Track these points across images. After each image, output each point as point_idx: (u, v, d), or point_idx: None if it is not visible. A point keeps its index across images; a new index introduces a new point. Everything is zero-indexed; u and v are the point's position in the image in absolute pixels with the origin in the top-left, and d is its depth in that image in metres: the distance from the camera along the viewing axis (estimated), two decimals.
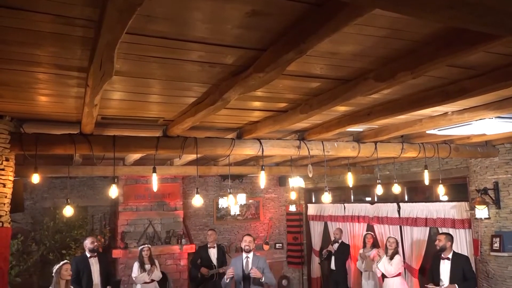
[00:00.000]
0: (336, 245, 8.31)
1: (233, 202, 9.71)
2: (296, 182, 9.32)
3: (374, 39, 2.32)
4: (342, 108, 3.93)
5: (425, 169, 5.64)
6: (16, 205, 4.35)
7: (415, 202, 7.61)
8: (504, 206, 5.82)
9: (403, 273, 7.70)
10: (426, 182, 5.62)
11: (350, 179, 5.61)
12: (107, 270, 6.69)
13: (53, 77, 2.85)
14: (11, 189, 4.04)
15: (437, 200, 7.13)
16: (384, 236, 8.00)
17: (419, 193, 8.10)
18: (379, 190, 5.64)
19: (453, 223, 6.71)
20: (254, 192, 10.90)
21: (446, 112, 4.13)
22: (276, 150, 5.01)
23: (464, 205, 6.60)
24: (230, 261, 8.09)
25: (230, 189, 5.15)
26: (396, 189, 5.72)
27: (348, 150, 5.26)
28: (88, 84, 2.67)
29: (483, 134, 5.00)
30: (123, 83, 3.03)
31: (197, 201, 4.78)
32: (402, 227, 7.77)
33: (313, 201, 10.91)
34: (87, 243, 6.57)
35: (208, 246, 8.00)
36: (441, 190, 5.79)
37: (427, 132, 4.95)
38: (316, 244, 10.10)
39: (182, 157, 6.44)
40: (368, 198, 9.08)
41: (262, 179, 4.99)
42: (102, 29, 1.86)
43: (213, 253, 7.96)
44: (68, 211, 4.84)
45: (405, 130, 4.68)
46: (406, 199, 8.00)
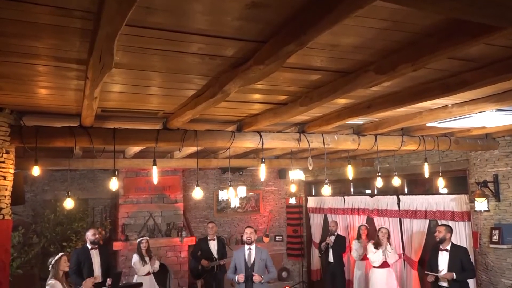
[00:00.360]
0: (333, 238, 8.38)
1: (233, 195, 9.75)
2: (296, 175, 9.33)
3: (375, 31, 2.31)
4: (342, 101, 3.93)
5: (425, 162, 5.64)
6: (17, 198, 4.36)
7: (415, 195, 7.62)
8: (504, 199, 5.83)
9: (402, 266, 7.75)
10: (426, 175, 5.63)
11: (350, 172, 5.62)
12: (108, 262, 6.74)
13: (53, 70, 2.84)
14: (12, 182, 4.05)
15: (437, 193, 7.14)
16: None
17: (419, 186, 8.11)
18: (379, 183, 5.65)
19: (453, 216, 6.73)
20: (254, 185, 10.92)
21: (446, 105, 4.13)
22: (276, 143, 5.01)
23: (464, 198, 6.61)
24: (232, 253, 8.16)
25: (230, 182, 5.16)
26: (396, 182, 5.73)
27: (348, 143, 5.26)
28: (88, 77, 2.66)
29: (483, 127, 4.99)
30: (123, 76, 3.03)
31: (197, 194, 4.79)
32: (402, 220, 7.80)
33: (313, 194, 10.93)
34: (89, 235, 6.62)
35: (208, 239, 8.04)
36: (441, 183, 5.80)
37: (427, 125, 4.95)
38: (316, 237, 10.14)
39: (182, 150, 6.45)
40: (368, 191, 9.10)
41: (262, 172, 4.99)
42: (101, 21, 1.85)
43: (213, 245, 8.01)
44: (69, 204, 4.85)
45: (405, 123, 4.68)
46: (406, 192, 8.02)
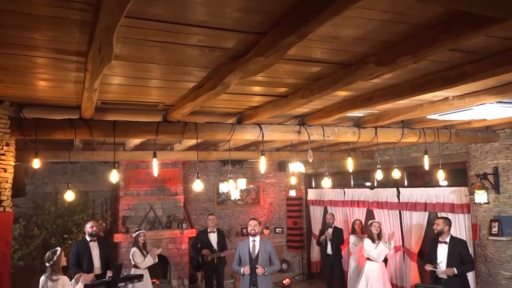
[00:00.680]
0: (330, 230, 8.43)
1: (233, 187, 9.76)
2: (296, 167, 9.35)
3: (376, 23, 2.30)
4: (343, 93, 3.92)
5: (425, 154, 5.64)
6: (18, 190, 4.37)
7: (415, 187, 7.64)
8: (504, 191, 5.84)
9: (402, 258, 7.79)
10: (426, 167, 5.63)
11: (350, 164, 5.62)
12: (107, 254, 6.76)
13: (52, 62, 2.83)
14: (12, 174, 4.06)
15: (437, 185, 7.16)
16: (384, 221, 8.06)
17: (419, 178, 8.13)
18: (379, 175, 5.65)
19: (452, 208, 6.75)
20: (254, 177, 10.94)
21: (447, 97, 4.12)
22: (276, 135, 5.01)
23: (464, 190, 6.63)
24: (232, 245, 8.21)
25: (230, 174, 5.16)
26: (396, 174, 5.73)
27: (348, 135, 5.26)
28: (87, 69, 2.66)
29: (484, 119, 4.99)
30: (123, 68, 3.02)
31: (198, 186, 4.79)
32: (402, 212, 7.82)
33: (313, 186, 10.95)
34: (87, 227, 6.65)
35: (209, 231, 8.08)
36: (441, 175, 5.80)
37: (428, 117, 4.94)
38: (316, 229, 10.18)
39: (182, 142, 6.44)
40: (368, 183, 9.12)
41: (262, 164, 4.99)
42: (101, 13, 1.84)
43: (214, 238, 8.05)
44: (69, 196, 4.86)
45: (406, 115, 4.67)
46: (406, 184, 8.03)
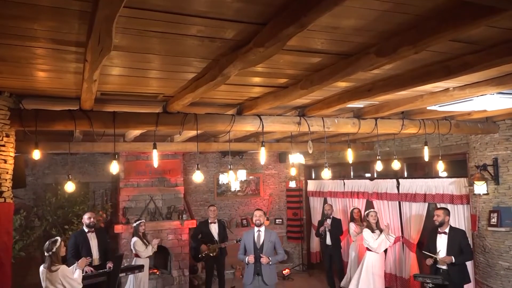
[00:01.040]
0: (329, 221, 8.48)
1: (234, 178, 9.79)
2: (296, 158, 9.36)
3: (377, 13, 2.29)
4: (343, 84, 3.91)
5: (425, 145, 5.64)
6: (18, 181, 4.38)
7: (415, 178, 7.66)
8: (503, 182, 5.85)
9: (401, 249, 7.83)
10: (426, 159, 5.64)
11: (350, 156, 5.62)
12: (105, 245, 6.79)
13: (51, 52, 2.82)
14: (12, 165, 4.06)
15: (436, 176, 7.17)
16: (383, 212, 8.10)
17: (419, 169, 8.14)
18: (379, 166, 5.66)
19: (452, 199, 6.77)
20: (254, 168, 10.96)
21: (447, 88, 4.11)
22: (276, 126, 5.01)
23: (463, 181, 6.64)
24: (235, 236, 8.26)
25: (231, 165, 5.17)
26: (396, 165, 5.74)
27: (349, 126, 5.26)
28: (87, 59, 2.65)
29: (484, 110, 4.98)
30: (122, 58, 3.01)
31: (198, 177, 4.81)
32: (401, 203, 7.85)
33: (313, 177, 10.98)
34: (85, 218, 6.68)
35: (209, 222, 8.12)
36: (441, 166, 5.81)
37: (428, 108, 4.93)
38: (316, 220, 10.21)
39: (183, 133, 6.44)
40: (368, 174, 9.14)
41: (262, 155, 5.00)
42: (100, 3, 1.83)
43: (214, 229, 8.09)
44: (70, 187, 4.87)
45: (406, 106, 4.67)
46: (406, 175, 8.05)
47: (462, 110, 4.99)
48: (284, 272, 10.01)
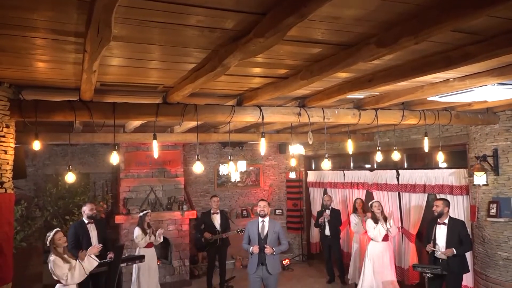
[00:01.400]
0: (328, 212, 8.53)
1: (234, 169, 9.81)
2: (296, 149, 9.36)
3: (378, 3, 2.27)
4: (343, 75, 3.90)
5: (425, 136, 5.64)
6: (18, 172, 4.39)
7: (414, 169, 7.66)
8: (503, 173, 5.86)
9: (400, 239, 7.87)
10: (426, 149, 5.64)
11: (350, 146, 5.63)
12: (104, 236, 6.83)
13: (50, 43, 2.81)
14: (13, 156, 4.07)
15: (436, 167, 7.18)
16: (383, 202, 8.11)
17: (419, 160, 8.15)
18: (379, 157, 5.66)
19: (451, 190, 6.78)
20: (255, 159, 10.98)
21: (448, 79, 4.10)
22: (277, 117, 5.00)
23: (463, 172, 6.65)
24: (237, 227, 8.30)
25: (231, 156, 5.17)
26: (396, 156, 5.74)
27: (349, 117, 5.25)
28: (86, 50, 2.64)
29: (485, 101, 4.97)
30: (122, 49, 2.99)
31: (198, 168, 4.81)
32: (401, 194, 7.87)
33: (313, 168, 11.00)
34: (86, 210, 6.67)
35: (212, 212, 8.17)
36: (441, 157, 5.81)
37: (428, 99, 4.92)
38: (316, 211, 10.26)
39: (183, 124, 6.44)
40: (368, 165, 9.15)
41: (262, 146, 5.00)
42: None
43: (217, 219, 8.14)
44: (70, 178, 4.87)
45: (406, 97, 4.66)
46: (406, 166, 8.06)
47: (463, 101, 4.98)
48: (284, 262, 10.07)
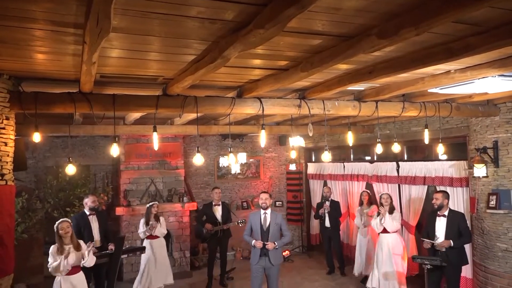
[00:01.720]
0: (328, 203, 8.54)
1: (234, 161, 9.82)
2: (296, 141, 9.37)
3: None
4: (344, 66, 3.89)
5: (426, 128, 5.64)
6: (19, 164, 4.39)
7: (414, 161, 7.67)
8: (502, 165, 5.87)
9: (400, 229, 7.89)
10: (426, 141, 5.64)
11: (350, 138, 5.62)
12: (106, 227, 6.87)
13: (50, 34, 2.80)
14: (13, 148, 4.07)
15: (436, 159, 7.18)
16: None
17: (419, 152, 8.15)
18: (379, 149, 5.67)
19: (451, 182, 6.79)
20: (255, 151, 10.99)
21: (449, 71, 4.09)
22: (277, 109, 5.00)
23: (463, 164, 6.66)
24: (235, 218, 8.33)
25: (231, 148, 5.17)
26: (396, 148, 5.74)
27: (349, 109, 5.25)
28: (86, 41, 2.62)
29: (485, 93, 4.96)
30: (121, 40, 2.98)
31: (198, 160, 4.81)
32: (401, 185, 7.88)
33: (313, 160, 11.00)
34: (88, 202, 6.70)
35: (213, 204, 8.19)
36: (441, 149, 5.81)
37: (429, 91, 4.92)
38: (316, 202, 10.29)
39: (183, 116, 6.44)
40: (368, 157, 9.15)
41: (263, 138, 5.00)
42: None
43: (218, 211, 8.16)
44: (71, 170, 4.88)
45: (407, 89, 4.64)
46: (406, 158, 8.06)
47: (463, 93, 4.97)
48: (284, 254, 10.10)
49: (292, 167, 10.69)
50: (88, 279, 5.95)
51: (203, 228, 8.03)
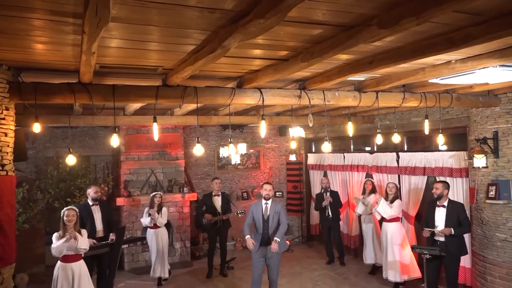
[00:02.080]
0: (328, 194, 8.58)
1: (234, 152, 9.81)
2: (296, 132, 9.37)
3: None
4: (344, 56, 3.87)
5: (426, 119, 5.63)
6: (19, 154, 4.39)
7: (414, 152, 7.68)
8: (502, 155, 5.87)
9: (401, 219, 7.93)
10: (426, 132, 5.63)
11: (350, 129, 5.62)
12: (108, 217, 6.91)
13: (49, 24, 2.78)
14: (13, 138, 4.07)
15: (436, 150, 7.19)
16: (383, 185, 8.15)
17: (419, 143, 8.16)
18: (379, 140, 5.67)
19: (451, 172, 6.81)
20: (255, 142, 11.00)
21: (450, 61, 4.07)
22: (277, 100, 4.99)
23: (463, 155, 6.67)
24: (234, 209, 8.36)
25: (231, 139, 5.17)
26: (396, 139, 5.74)
27: (349, 100, 5.24)
28: (85, 31, 2.61)
29: (486, 83, 4.95)
30: (121, 30, 2.97)
31: (198, 150, 4.82)
32: (401, 176, 7.90)
33: (313, 151, 11.01)
34: (91, 192, 6.75)
35: (213, 194, 8.22)
36: (441, 140, 5.82)
37: (430, 81, 4.90)
38: (315, 193, 10.32)
39: (183, 107, 6.43)
40: (368, 148, 9.16)
41: (263, 129, 5.00)
42: None
43: (218, 201, 8.20)
44: (71, 160, 4.89)
45: (407, 79, 4.63)
46: (406, 149, 8.07)
47: (464, 83, 4.96)
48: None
49: (292, 158, 10.71)
50: (91, 269, 6.01)
51: (203, 218, 8.08)
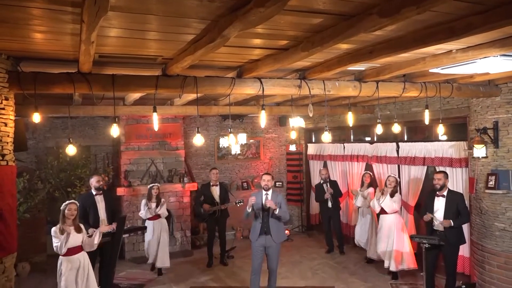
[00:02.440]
0: (328, 185, 8.61)
1: (234, 142, 9.83)
2: (297, 122, 9.35)
3: None
4: (344, 46, 3.85)
5: (426, 109, 5.63)
6: (19, 144, 4.40)
7: (414, 142, 7.68)
8: (502, 146, 5.88)
9: (399, 210, 7.96)
10: (426, 122, 5.63)
11: (351, 119, 5.62)
12: (112, 207, 6.95)
13: (48, 13, 2.76)
14: (13, 128, 4.07)
15: (436, 140, 7.19)
16: (383, 175, 8.18)
17: (419, 133, 8.16)
18: (379, 130, 5.67)
19: (451, 162, 6.82)
20: (255, 132, 11.00)
21: (450, 50, 4.05)
22: (277, 90, 4.98)
23: (463, 145, 6.67)
24: (233, 199, 8.39)
25: (231, 129, 5.16)
26: (396, 129, 5.74)
27: (349, 90, 5.22)
28: (84, 20, 2.60)
29: (487, 73, 4.93)
30: (120, 19, 2.95)
31: (198, 141, 4.82)
32: (400, 166, 7.91)
33: (313, 141, 11.02)
34: (93, 182, 6.77)
35: (211, 184, 8.25)
36: (441, 130, 5.81)
37: (430, 71, 4.88)
38: (315, 183, 10.34)
39: (182, 97, 6.42)
40: (368, 138, 9.16)
41: (263, 119, 5.00)
42: None
43: (216, 191, 8.22)
44: (71, 150, 4.89)
45: (408, 69, 4.61)
46: (405, 139, 8.07)
47: (465, 73, 4.94)
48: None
49: (292, 148, 10.72)
50: (94, 258, 6.05)
51: (201, 208, 8.11)
